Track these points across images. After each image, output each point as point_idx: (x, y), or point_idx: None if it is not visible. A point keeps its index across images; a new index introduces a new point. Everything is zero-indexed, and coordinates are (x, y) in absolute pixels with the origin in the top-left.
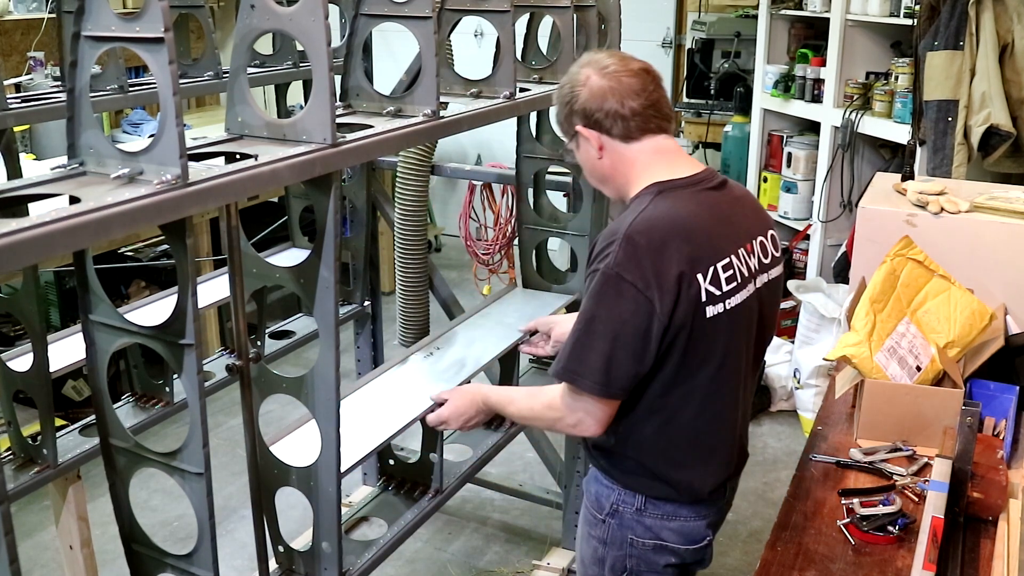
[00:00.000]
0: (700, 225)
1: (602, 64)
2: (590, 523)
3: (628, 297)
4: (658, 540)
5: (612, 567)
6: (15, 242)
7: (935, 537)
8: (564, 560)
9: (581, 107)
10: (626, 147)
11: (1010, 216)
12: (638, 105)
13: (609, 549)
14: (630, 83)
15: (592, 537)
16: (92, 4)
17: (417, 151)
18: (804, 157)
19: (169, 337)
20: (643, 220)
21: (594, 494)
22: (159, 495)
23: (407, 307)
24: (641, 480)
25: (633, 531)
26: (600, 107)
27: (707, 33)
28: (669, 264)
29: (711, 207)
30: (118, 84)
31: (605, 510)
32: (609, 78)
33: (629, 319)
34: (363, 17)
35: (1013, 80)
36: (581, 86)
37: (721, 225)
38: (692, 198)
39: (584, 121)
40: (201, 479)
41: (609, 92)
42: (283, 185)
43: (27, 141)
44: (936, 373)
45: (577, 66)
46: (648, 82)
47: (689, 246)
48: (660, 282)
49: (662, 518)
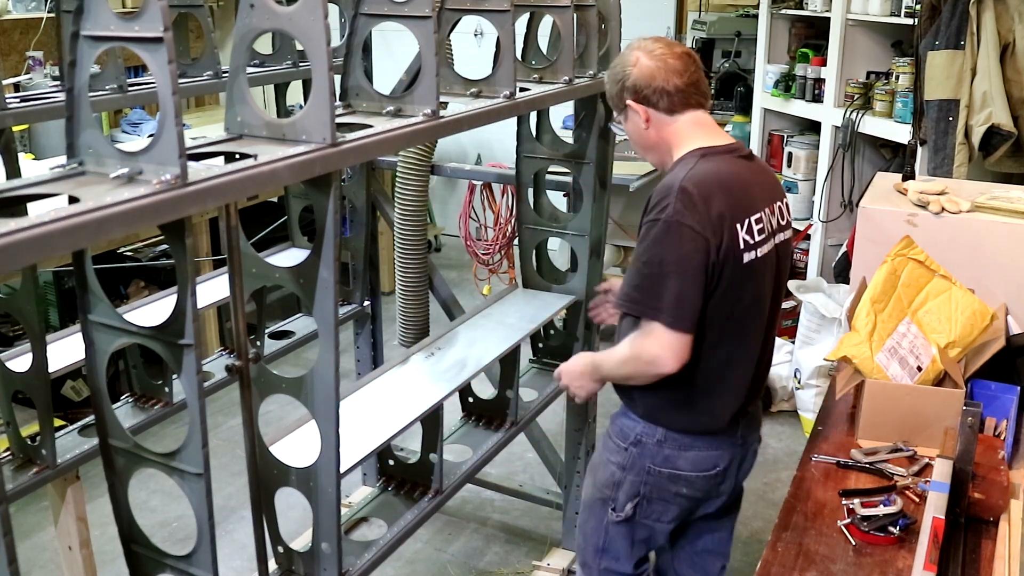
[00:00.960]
0: (737, 183)
1: (649, 48)
2: (612, 451)
3: (688, 238)
4: (673, 469)
5: (627, 491)
6: (14, 242)
7: (936, 538)
8: (564, 560)
9: (632, 84)
10: (670, 119)
11: (1011, 216)
12: (681, 83)
13: (627, 474)
14: (674, 64)
15: (612, 463)
16: (91, 3)
17: (417, 151)
18: (805, 157)
19: (168, 337)
20: (692, 175)
21: (619, 426)
22: (158, 495)
23: (407, 307)
24: (663, 414)
25: (652, 460)
26: (648, 84)
27: (707, 33)
28: (717, 210)
29: (744, 170)
30: (117, 84)
31: (629, 440)
32: (656, 59)
33: (692, 255)
34: (363, 17)
35: (1014, 80)
36: (632, 66)
37: (752, 187)
38: (730, 162)
39: (634, 96)
40: (200, 479)
41: (656, 72)
42: (283, 185)
43: (26, 141)
44: (937, 373)
45: (628, 49)
46: (690, 64)
47: (730, 198)
48: (711, 223)
49: (679, 448)
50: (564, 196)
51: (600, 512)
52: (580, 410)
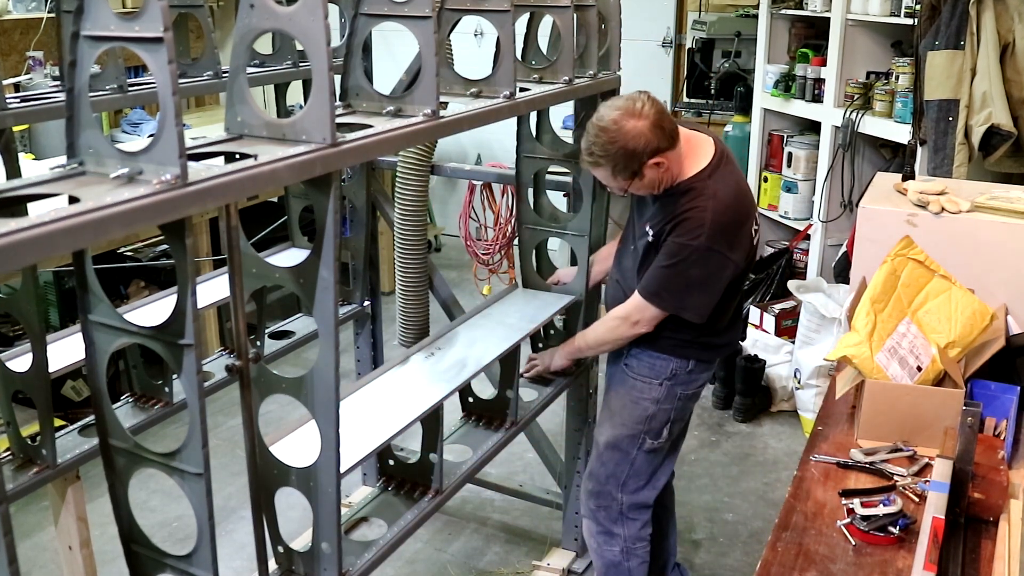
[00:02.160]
0: (743, 191)
1: (630, 110)
2: (642, 389)
3: (717, 262)
4: (697, 389)
5: (661, 419)
6: (14, 242)
7: (936, 538)
8: (564, 560)
9: (646, 147)
10: (675, 151)
11: (1011, 216)
12: (667, 119)
13: (661, 405)
14: (652, 111)
15: (644, 399)
16: (91, 4)
17: (417, 151)
18: (804, 157)
19: (168, 337)
20: (719, 207)
21: (649, 366)
22: (158, 495)
23: (407, 307)
24: (692, 350)
25: (684, 387)
26: (658, 136)
27: (707, 33)
28: (740, 231)
29: (737, 171)
30: (117, 84)
31: (663, 375)
32: (639, 118)
33: (719, 274)
34: (363, 17)
35: (1014, 80)
36: (634, 135)
37: (745, 183)
38: (728, 175)
39: (652, 155)
40: (200, 479)
41: (655, 124)
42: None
43: (26, 141)
44: (937, 373)
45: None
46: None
47: (745, 209)
48: (740, 242)
49: (700, 371)
50: (564, 196)
51: (629, 447)
52: (580, 410)
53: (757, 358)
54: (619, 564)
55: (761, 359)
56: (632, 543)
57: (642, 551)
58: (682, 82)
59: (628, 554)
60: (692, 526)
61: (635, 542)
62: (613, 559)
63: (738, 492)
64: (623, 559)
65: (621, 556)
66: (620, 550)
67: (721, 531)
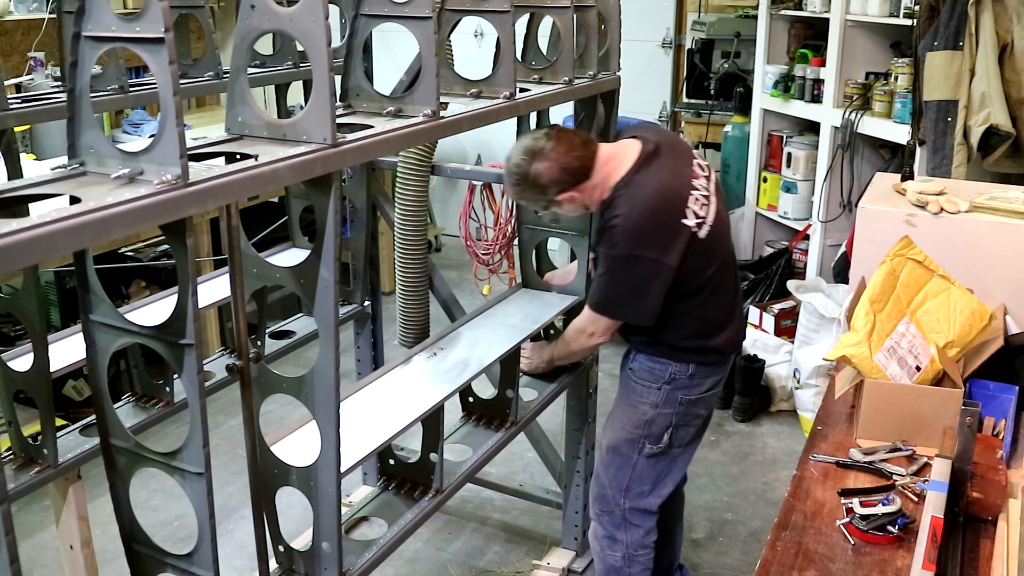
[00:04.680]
0: (664, 188)
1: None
2: (641, 393)
3: (644, 265)
4: (700, 394)
5: (661, 424)
6: (16, 242)
7: (935, 537)
8: (564, 560)
9: (549, 186)
10: (590, 181)
11: (1010, 216)
12: (576, 154)
13: (661, 410)
14: (555, 151)
15: (643, 403)
16: (92, 4)
17: (417, 151)
18: (804, 157)
19: (169, 337)
20: (633, 213)
21: (648, 370)
22: (159, 495)
23: (407, 307)
24: (688, 354)
25: (685, 391)
26: (561, 175)
27: (707, 33)
28: (664, 231)
29: (662, 171)
30: (118, 84)
31: (662, 379)
32: (546, 158)
33: (650, 279)
34: (363, 17)
35: (1013, 80)
36: (538, 176)
37: (674, 177)
38: (649, 177)
39: (558, 192)
40: (201, 479)
41: (558, 165)
42: (283, 185)
43: (27, 141)
44: (936, 373)
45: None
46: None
47: (667, 209)
48: (666, 239)
49: (704, 376)
50: None
51: (629, 451)
52: (580, 410)
53: (756, 358)
54: (620, 570)
55: (760, 359)
56: (635, 549)
57: (644, 558)
58: (682, 82)
59: (630, 560)
60: (692, 526)
61: (638, 549)
62: (615, 564)
63: (737, 492)
64: (624, 565)
65: (623, 562)
66: (622, 556)
67: (721, 531)
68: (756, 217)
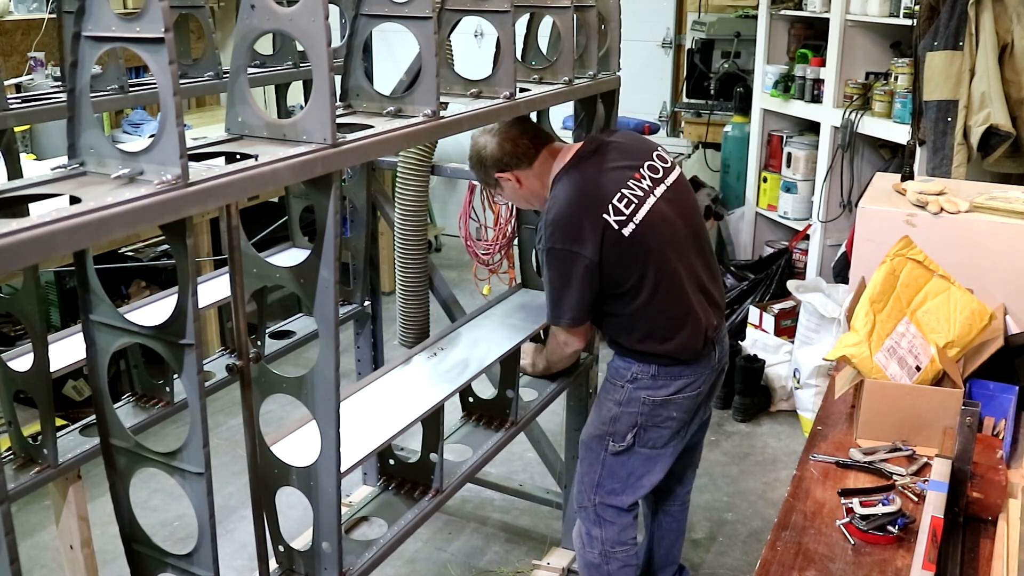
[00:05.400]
0: (588, 186)
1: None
2: (609, 391)
3: (564, 258)
4: (666, 396)
5: (625, 423)
6: (16, 242)
7: (934, 537)
8: (564, 560)
9: (488, 160)
10: (530, 169)
11: (1009, 216)
12: (521, 139)
13: (624, 408)
14: (502, 129)
15: (609, 400)
16: (92, 4)
17: (417, 151)
18: (804, 157)
19: (169, 337)
20: (554, 203)
21: (615, 368)
22: (159, 495)
23: (407, 307)
24: (649, 355)
25: (649, 392)
26: (500, 151)
27: (707, 33)
28: (582, 223)
29: (591, 168)
30: (118, 84)
31: (625, 378)
32: (494, 135)
33: (572, 269)
34: (363, 17)
35: (1012, 80)
36: (483, 148)
37: (603, 175)
38: (578, 173)
39: (496, 168)
40: (201, 479)
41: (500, 141)
42: (283, 185)
43: (27, 141)
44: (936, 373)
45: (473, 138)
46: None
47: (587, 203)
48: (581, 235)
49: (670, 378)
50: None
51: (597, 448)
52: (580, 410)
53: (756, 358)
54: (599, 566)
55: (760, 359)
56: (611, 546)
57: (623, 555)
58: (682, 82)
59: (607, 557)
60: (692, 526)
61: (614, 545)
62: (592, 560)
63: (737, 492)
64: (602, 562)
65: (600, 559)
66: (599, 553)
67: (720, 531)
68: (756, 217)
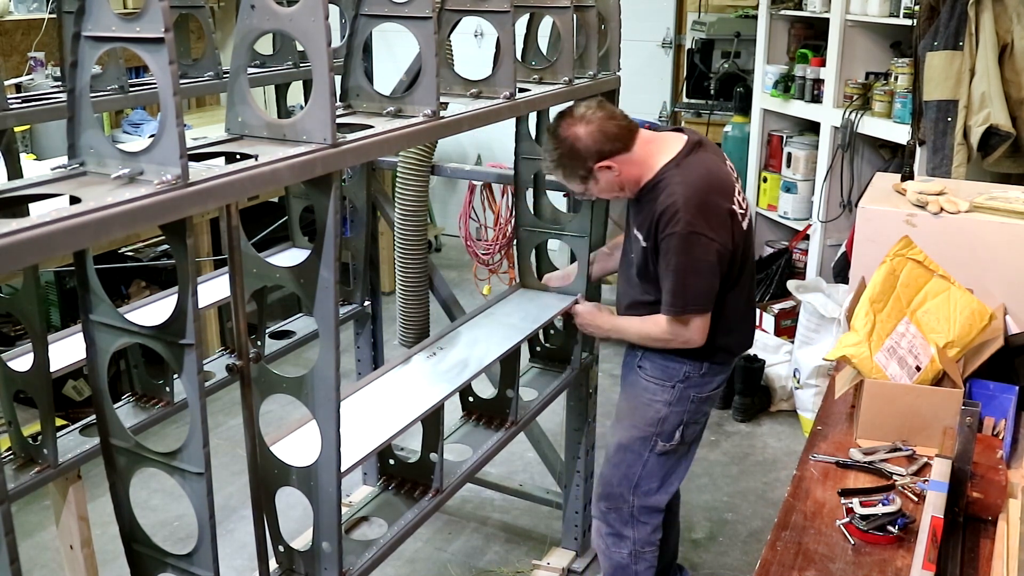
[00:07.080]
0: (714, 173)
1: (576, 116)
2: (654, 392)
3: (702, 244)
4: (710, 392)
5: (673, 422)
6: (16, 242)
7: (935, 537)
8: (564, 560)
9: (588, 151)
10: (629, 154)
11: (1010, 216)
12: (618, 122)
13: (673, 408)
14: (596, 116)
15: (656, 402)
16: (92, 4)
17: (417, 151)
18: (804, 157)
19: (169, 337)
20: (687, 191)
21: (661, 369)
22: (159, 495)
23: (407, 307)
24: (703, 351)
25: (697, 389)
26: (600, 140)
27: (707, 33)
28: (717, 206)
29: (713, 156)
30: (118, 84)
31: (676, 378)
32: (588, 122)
33: (706, 256)
34: (363, 17)
35: (1012, 80)
36: (576, 140)
37: (721, 165)
38: (698, 162)
39: (597, 158)
40: (201, 479)
41: (598, 129)
42: (283, 185)
43: (27, 141)
44: (936, 373)
45: (557, 133)
46: (606, 106)
47: (722, 188)
48: (719, 221)
49: (715, 374)
50: (564, 196)
51: (641, 448)
52: (580, 410)
53: (756, 358)
54: (627, 567)
55: (760, 359)
56: (641, 546)
57: (650, 555)
58: (682, 82)
59: (636, 557)
60: (692, 526)
61: (644, 546)
62: (621, 561)
63: (737, 492)
64: (631, 562)
65: (629, 559)
66: (629, 553)
67: (721, 531)
68: (756, 217)
